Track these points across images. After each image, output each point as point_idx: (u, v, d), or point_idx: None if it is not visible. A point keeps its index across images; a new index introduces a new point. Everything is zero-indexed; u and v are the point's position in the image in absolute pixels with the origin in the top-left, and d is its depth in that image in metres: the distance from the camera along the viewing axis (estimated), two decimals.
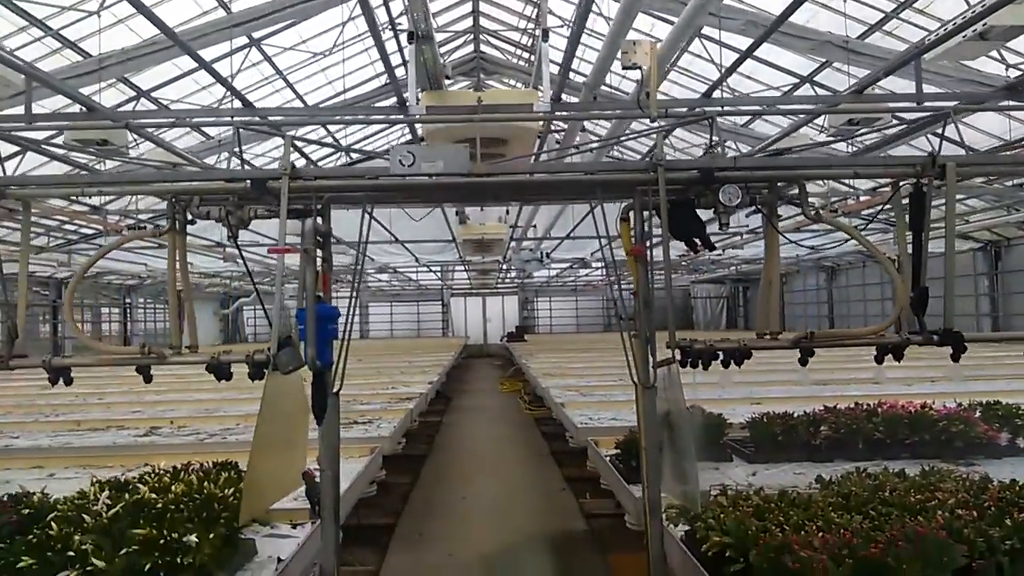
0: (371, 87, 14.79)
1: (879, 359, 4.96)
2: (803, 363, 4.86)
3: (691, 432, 4.66)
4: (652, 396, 4.60)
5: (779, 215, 4.77)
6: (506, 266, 27.49)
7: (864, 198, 14.97)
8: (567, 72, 9.34)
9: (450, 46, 15.55)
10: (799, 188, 4.71)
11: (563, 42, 10.66)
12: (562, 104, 8.21)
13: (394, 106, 9.48)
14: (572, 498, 9.49)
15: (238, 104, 9.85)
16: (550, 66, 7.71)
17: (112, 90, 11.25)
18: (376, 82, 14.68)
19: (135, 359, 4.51)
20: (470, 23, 15.33)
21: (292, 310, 4.37)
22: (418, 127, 10.66)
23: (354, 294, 4.59)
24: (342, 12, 10.80)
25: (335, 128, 14.57)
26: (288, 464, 4.56)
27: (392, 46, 11.05)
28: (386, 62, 9.83)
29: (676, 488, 4.92)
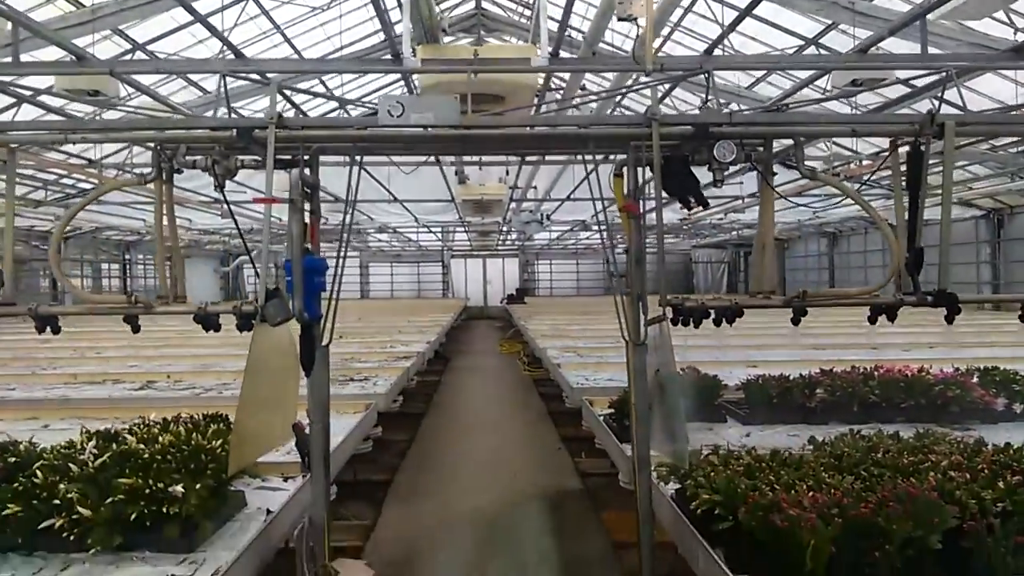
0: (369, 43, 14.59)
1: (872, 319, 4.91)
2: (795, 323, 4.81)
3: (680, 390, 4.63)
4: (643, 353, 4.56)
5: (775, 173, 4.69)
6: (506, 228, 27.37)
7: (866, 163, 14.82)
8: (565, 28, 9.17)
9: (452, 1, 15.32)
10: (795, 144, 4.62)
11: None
12: (559, 60, 8.08)
13: (389, 59, 9.32)
14: (568, 457, 9.52)
15: (232, 57, 9.70)
16: (548, 22, 7.57)
17: (107, 43, 11.06)
18: (375, 38, 14.48)
19: (123, 308, 4.46)
20: None
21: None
22: (415, 83, 10.51)
23: (343, 247, 4.51)
24: None
25: (328, 80, 14.41)
26: (278, 417, 4.54)
27: (392, 1, 10.87)
28: (383, 18, 9.68)
29: (665, 446, 4.90)
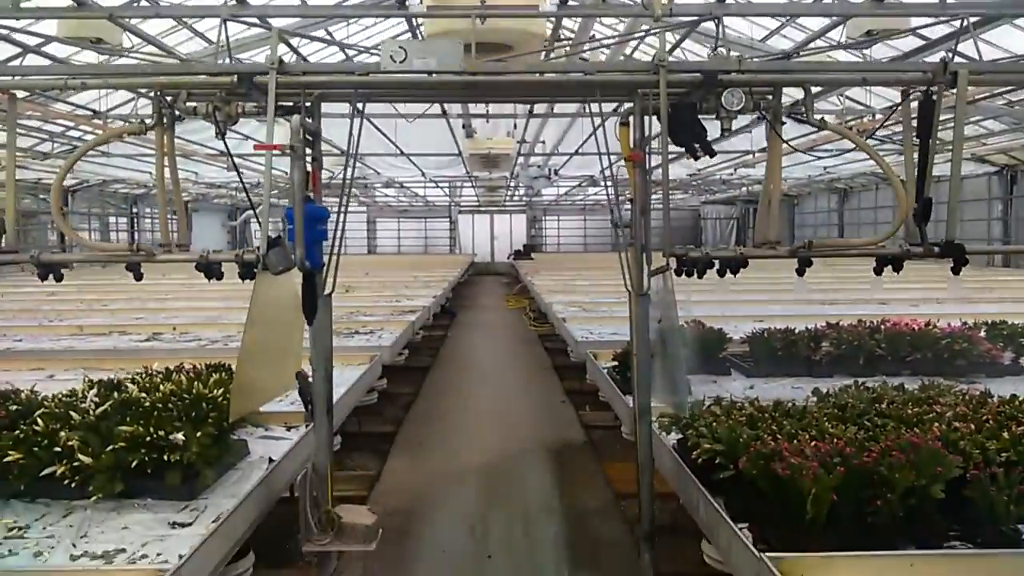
0: None
1: (878, 271, 4.84)
2: (800, 273, 4.75)
3: (682, 341, 4.59)
4: (645, 304, 4.52)
5: (783, 122, 4.60)
6: (514, 183, 27.18)
7: (878, 118, 14.59)
8: None
9: None
10: (805, 93, 4.52)
11: None
12: (568, 7, 7.92)
13: (393, 4, 9.13)
14: (572, 410, 9.55)
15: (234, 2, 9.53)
16: None
17: None
18: None
19: (124, 256, 4.43)
20: None
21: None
22: (421, 33, 10.35)
23: (345, 195, 4.45)
24: None
25: (334, 31, 14.19)
26: (281, 366, 4.53)
27: None
28: None
29: (667, 396, 4.89)
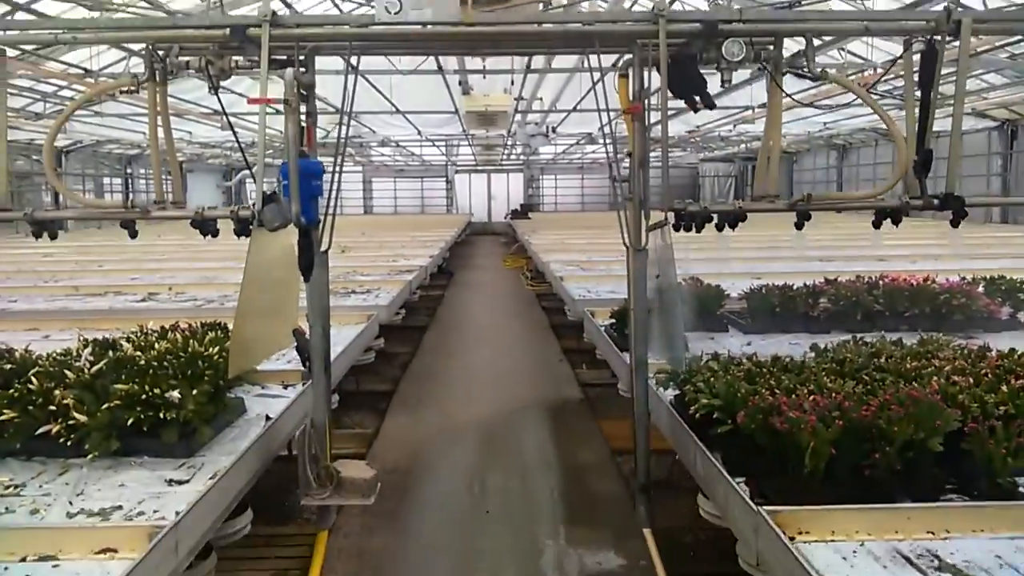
0: None
1: (877, 223, 4.81)
2: (799, 227, 4.72)
3: (680, 297, 4.57)
4: (643, 259, 4.49)
5: (784, 73, 4.53)
6: (511, 141, 26.96)
7: (880, 72, 14.43)
8: None
9: None
10: (806, 43, 4.44)
11: None
12: None
13: None
14: (569, 368, 9.57)
15: None
16: None
17: None
18: None
19: (119, 213, 4.39)
20: None
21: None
22: None
23: (339, 153, 4.39)
24: None
25: None
26: (278, 323, 4.50)
27: None
28: None
29: (664, 352, 4.88)
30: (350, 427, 7.31)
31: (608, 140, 4.83)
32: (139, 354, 4.16)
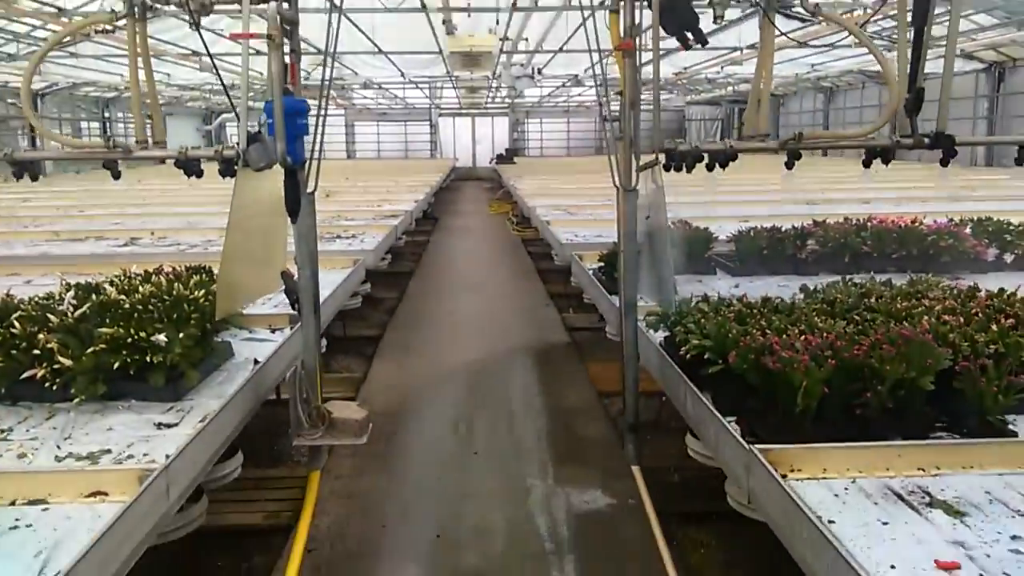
0: None
1: (867, 163, 4.78)
2: (789, 166, 4.68)
3: (670, 237, 4.54)
4: (633, 199, 4.44)
5: (776, 9, 4.43)
6: (496, 83, 26.56)
7: (869, 11, 14.27)
8: None
9: None
10: None
11: None
12: None
13: None
14: (555, 312, 9.57)
15: None
16: None
17: None
18: None
19: (100, 153, 4.28)
20: None
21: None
22: None
23: (324, 96, 4.28)
24: None
25: None
26: (265, 266, 4.44)
27: None
28: None
29: (653, 292, 4.86)
30: (338, 372, 7.30)
31: (599, 80, 4.72)
32: (123, 298, 4.09)
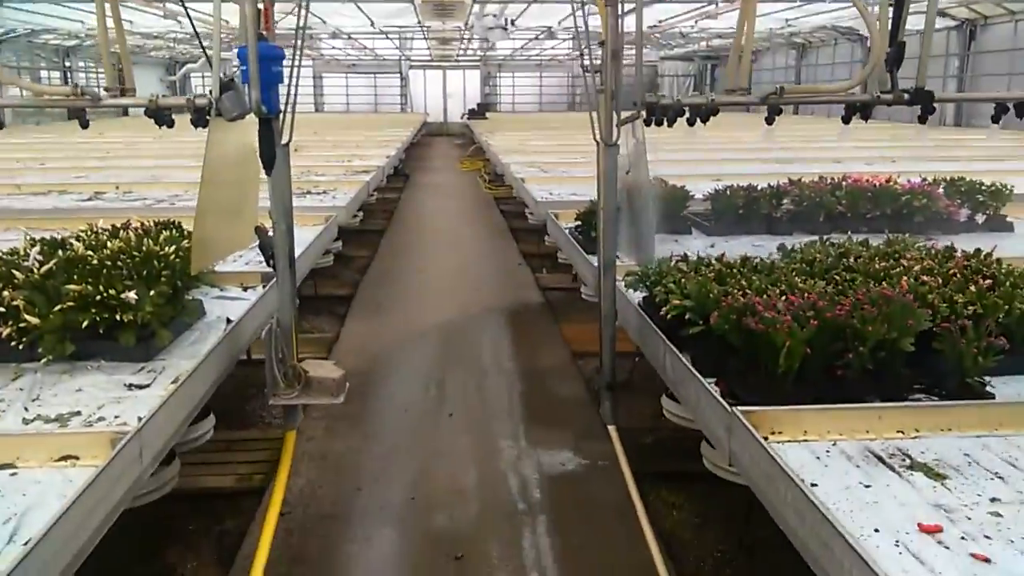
0: None
1: (847, 118, 4.74)
2: (770, 122, 4.62)
3: (651, 192, 4.49)
4: (614, 154, 4.37)
5: None
6: (468, 35, 26.16)
7: None
8: None
9: None
10: None
11: None
12: None
13: None
14: (529, 272, 9.53)
15: None
16: None
17: None
18: None
19: (66, 101, 4.12)
20: None
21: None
22: None
23: (299, 36, 4.13)
24: None
25: None
26: (238, 218, 4.32)
27: None
28: None
29: (632, 251, 4.83)
30: (309, 332, 7.20)
31: (579, 30, 4.62)
32: (91, 254, 3.96)
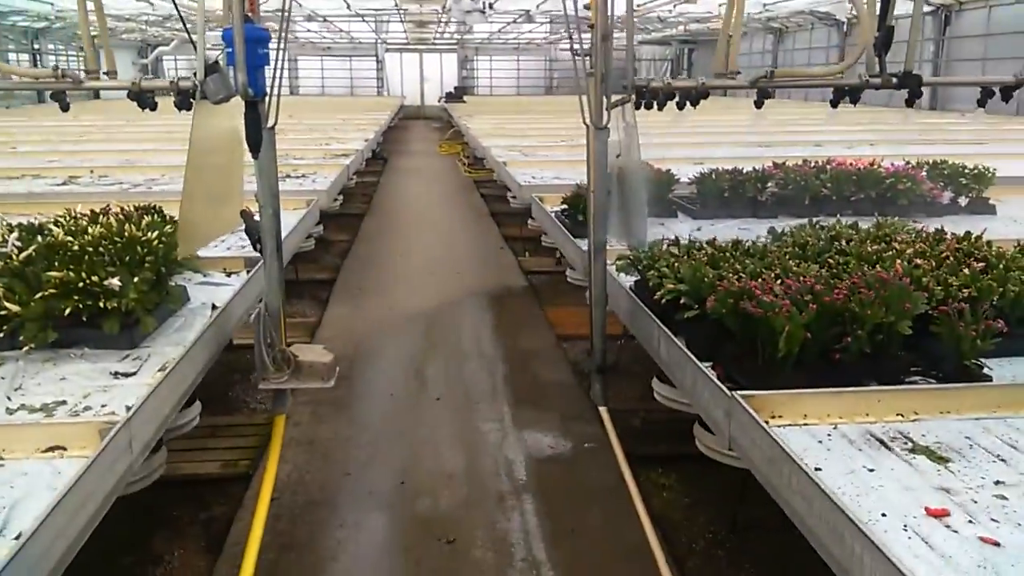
0: None
1: (835, 103, 4.75)
2: (759, 105, 4.61)
3: (642, 175, 4.46)
4: (604, 137, 4.33)
5: None
6: (445, 18, 25.95)
7: None
8: None
9: None
10: None
11: None
12: None
13: None
14: (511, 256, 9.48)
15: None
16: None
17: None
18: None
19: (48, 83, 4.01)
20: None
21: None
22: None
23: (285, 16, 4.04)
24: None
25: None
26: (224, 202, 4.23)
27: None
28: None
29: (623, 235, 4.80)
30: (291, 316, 7.12)
31: (568, 14, 4.55)
32: (71, 239, 3.86)
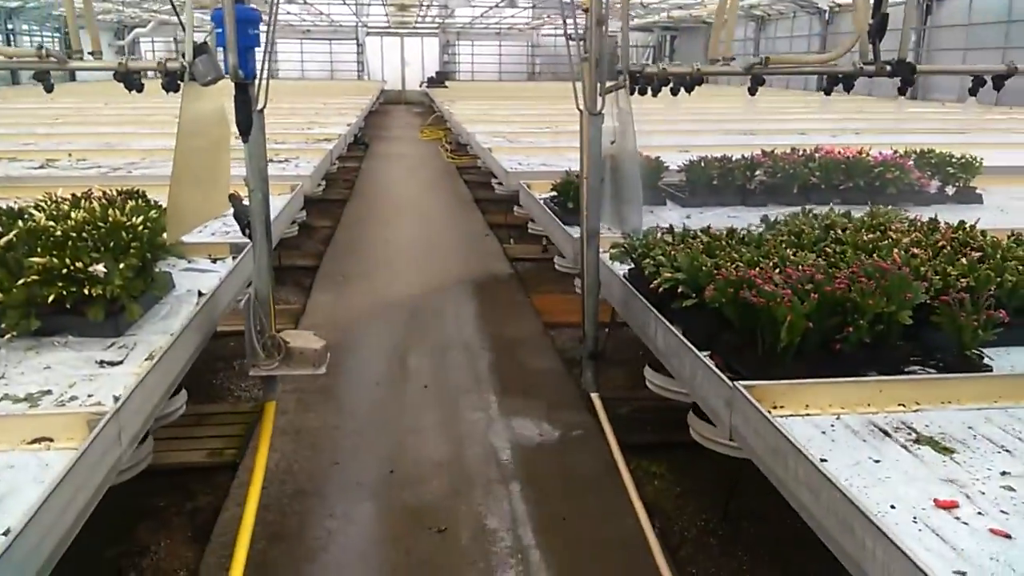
0: None
1: (828, 90, 4.72)
2: (752, 92, 4.56)
3: (637, 162, 4.41)
4: (598, 124, 4.28)
5: None
6: (427, 2, 25.74)
7: None
8: None
9: None
10: None
11: None
12: None
13: None
14: (496, 243, 9.43)
15: None
16: None
17: None
18: None
19: (31, 63, 3.89)
20: None
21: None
22: None
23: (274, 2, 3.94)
24: None
25: None
26: (212, 186, 4.13)
27: None
28: None
29: (616, 222, 4.76)
30: (275, 303, 7.03)
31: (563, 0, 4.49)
32: (53, 224, 3.75)
